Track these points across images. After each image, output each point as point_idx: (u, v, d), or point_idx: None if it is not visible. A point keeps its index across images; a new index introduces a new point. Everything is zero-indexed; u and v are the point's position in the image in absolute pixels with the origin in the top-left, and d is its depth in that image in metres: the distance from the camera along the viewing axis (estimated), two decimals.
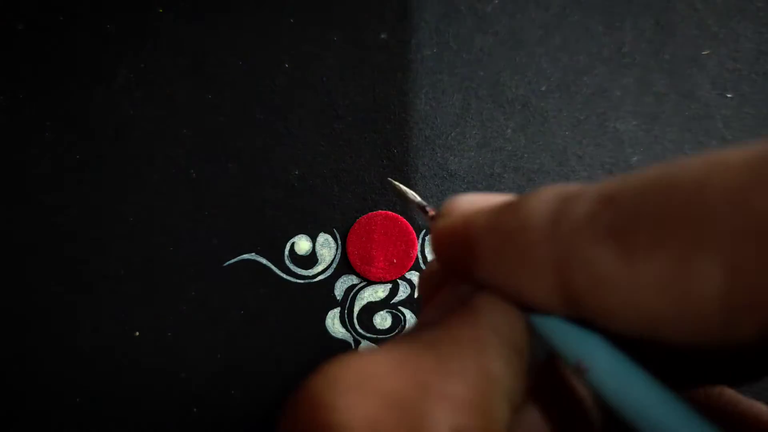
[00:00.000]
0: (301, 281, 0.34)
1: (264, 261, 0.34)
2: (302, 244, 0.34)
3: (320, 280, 0.34)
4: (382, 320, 0.34)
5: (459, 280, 0.14)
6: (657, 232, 0.10)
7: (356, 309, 0.34)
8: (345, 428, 0.11)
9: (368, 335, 0.34)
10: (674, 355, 0.13)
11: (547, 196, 0.12)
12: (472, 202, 0.14)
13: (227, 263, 0.34)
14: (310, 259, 0.34)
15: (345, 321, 0.34)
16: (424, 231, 0.34)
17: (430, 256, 0.34)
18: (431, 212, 0.18)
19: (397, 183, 0.29)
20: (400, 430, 0.11)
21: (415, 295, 0.34)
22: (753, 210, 0.09)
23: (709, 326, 0.10)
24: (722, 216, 0.09)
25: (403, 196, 0.29)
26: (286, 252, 0.34)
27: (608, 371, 0.11)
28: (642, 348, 0.12)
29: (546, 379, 0.15)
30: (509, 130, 0.33)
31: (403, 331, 0.13)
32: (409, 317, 0.34)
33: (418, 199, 0.24)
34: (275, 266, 0.34)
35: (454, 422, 0.11)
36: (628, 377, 0.11)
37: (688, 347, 0.10)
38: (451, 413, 0.11)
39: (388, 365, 0.12)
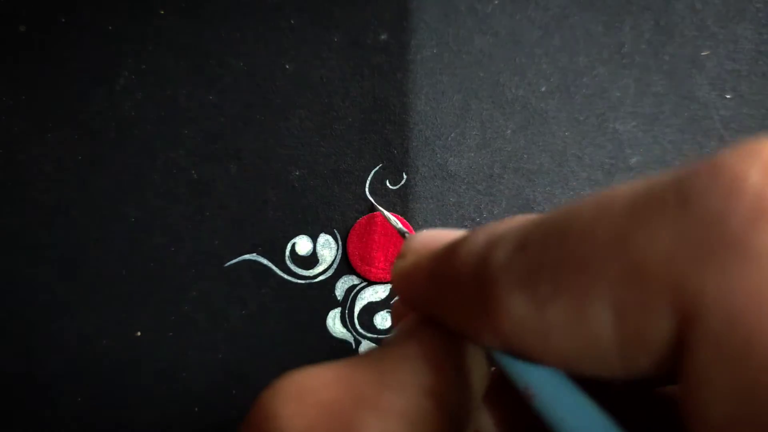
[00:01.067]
0: (302, 281, 0.34)
1: (265, 261, 0.34)
2: (303, 245, 0.34)
3: (321, 281, 0.34)
4: (383, 320, 0.34)
5: (416, 311, 0.15)
6: (557, 279, 0.10)
7: (357, 309, 0.34)
8: None
9: (369, 335, 0.34)
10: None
11: (477, 240, 0.12)
12: (427, 240, 0.15)
13: (228, 264, 0.34)
14: (311, 260, 0.34)
15: (346, 321, 0.34)
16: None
17: None
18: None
19: (381, 209, 0.30)
20: None
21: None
22: (631, 253, 0.09)
23: (611, 363, 0.10)
24: (606, 260, 0.10)
25: (387, 221, 0.29)
26: (287, 252, 0.34)
27: (550, 398, 0.12)
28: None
29: (498, 387, 0.16)
30: (509, 131, 0.33)
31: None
32: None
33: (399, 225, 0.26)
34: (276, 267, 0.34)
35: (385, 429, 0.11)
36: (569, 404, 0.12)
37: (604, 378, 0.11)
38: (383, 423, 0.11)
39: (329, 378, 0.12)
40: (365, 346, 0.34)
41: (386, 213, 0.32)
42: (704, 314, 0.09)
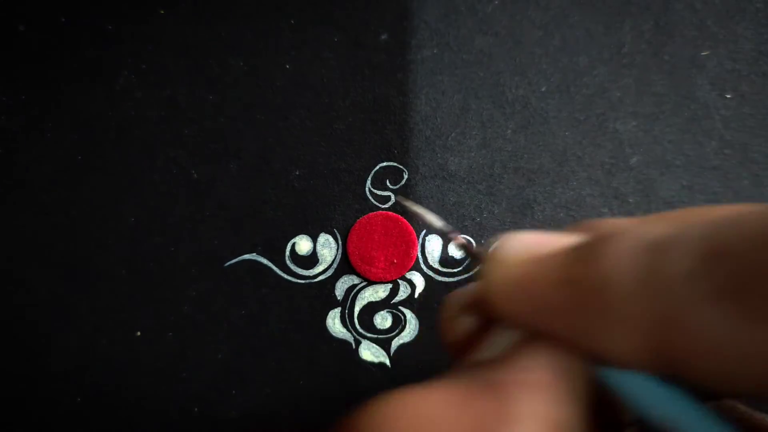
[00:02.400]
0: (302, 281, 0.34)
1: (265, 261, 0.34)
2: (303, 245, 0.34)
3: (321, 280, 0.34)
4: (383, 320, 0.34)
5: (512, 326, 0.13)
6: (750, 294, 0.09)
7: (357, 309, 0.34)
8: None
9: (369, 335, 0.34)
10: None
11: (628, 245, 0.11)
12: (526, 245, 0.13)
13: (228, 263, 0.34)
14: (311, 260, 0.34)
15: (345, 321, 0.34)
16: (425, 231, 0.34)
17: (430, 258, 0.34)
18: (463, 242, 0.17)
19: (422, 209, 0.24)
20: None
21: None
22: None
23: None
24: None
25: (426, 221, 0.25)
26: (287, 252, 0.34)
27: (680, 425, 0.11)
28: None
29: (599, 415, 0.14)
30: (509, 131, 0.33)
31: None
32: (410, 317, 0.34)
33: (441, 224, 0.22)
34: (276, 266, 0.34)
35: None
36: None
37: None
38: None
39: (444, 405, 0.11)
40: (365, 346, 0.34)
41: (424, 212, 0.30)
42: None
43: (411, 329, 0.34)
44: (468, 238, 0.17)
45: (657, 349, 0.10)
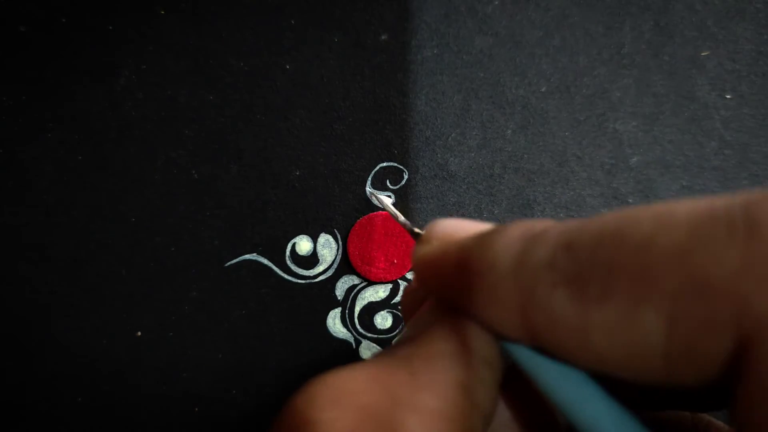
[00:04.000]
0: (303, 281, 0.34)
1: (265, 261, 0.34)
2: (303, 245, 0.34)
3: (321, 281, 0.34)
4: (383, 320, 0.34)
5: (437, 299, 0.15)
6: (608, 282, 0.10)
7: (357, 309, 0.34)
8: None
9: (369, 335, 0.34)
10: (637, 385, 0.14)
11: (512, 235, 0.12)
12: (452, 229, 0.15)
13: (228, 263, 0.34)
14: (311, 260, 0.34)
15: (346, 321, 0.34)
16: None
17: None
18: (416, 231, 0.19)
19: (383, 199, 0.29)
20: None
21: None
22: (694, 268, 0.10)
23: (653, 371, 0.10)
24: (665, 273, 0.10)
25: (390, 214, 0.29)
26: (288, 252, 0.34)
27: (574, 396, 0.12)
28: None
29: (514, 382, 0.15)
30: (509, 131, 0.34)
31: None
32: None
33: (403, 219, 0.26)
34: (276, 266, 0.34)
35: (424, 430, 0.11)
36: (596, 404, 0.12)
37: (638, 384, 0.11)
38: (424, 423, 0.12)
39: (364, 380, 0.12)
40: (365, 346, 0.34)
41: (391, 208, 0.32)
42: (763, 339, 0.09)
43: None
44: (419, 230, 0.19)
45: (525, 325, 0.12)
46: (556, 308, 0.11)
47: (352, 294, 0.34)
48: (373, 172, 0.33)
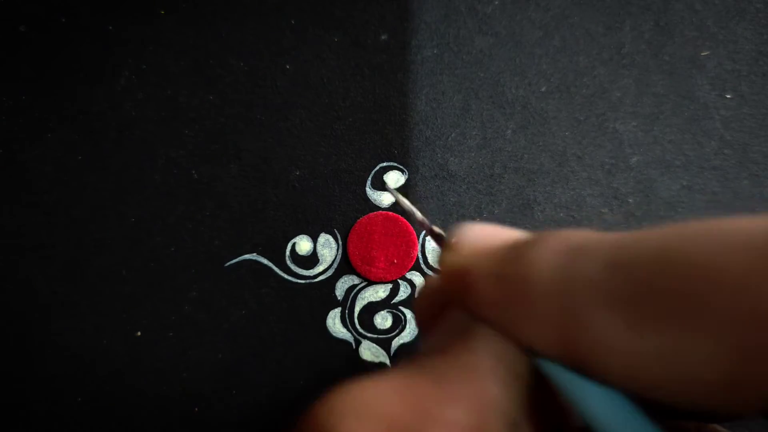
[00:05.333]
0: (302, 281, 0.34)
1: (265, 261, 0.34)
2: (303, 245, 0.34)
3: (321, 281, 0.34)
4: (383, 320, 0.34)
5: (461, 310, 0.14)
6: (665, 306, 0.10)
7: (357, 309, 0.34)
8: None
9: (369, 335, 0.34)
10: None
11: (553, 247, 0.12)
12: (482, 236, 0.14)
13: (228, 263, 0.34)
14: (311, 260, 0.34)
15: (346, 321, 0.34)
16: (424, 232, 0.34)
17: (430, 257, 0.34)
18: (437, 232, 0.18)
19: (402, 198, 0.28)
20: None
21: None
22: (757, 296, 0.09)
23: (711, 399, 0.10)
24: (733, 300, 0.09)
25: (407, 212, 0.28)
26: (287, 252, 0.34)
27: (604, 418, 0.11)
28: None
29: (538, 395, 0.15)
30: (509, 131, 0.34)
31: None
32: (410, 317, 0.34)
33: (419, 214, 0.24)
34: (276, 266, 0.34)
35: None
36: (623, 423, 0.11)
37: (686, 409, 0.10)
38: None
39: (388, 391, 0.12)
40: (365, 346, 0.34)
41: (409, 204, 0.31)
42: None
43: (411, 329, 0.34)
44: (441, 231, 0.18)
45: (565, 344, 0.11)
46: (605, 330, 0.10)
47: (352, 294, 0.34)
48: (373, 172, 0.33)
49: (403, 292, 0.34)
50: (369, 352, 0.34)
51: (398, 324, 0.34)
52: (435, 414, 0.11)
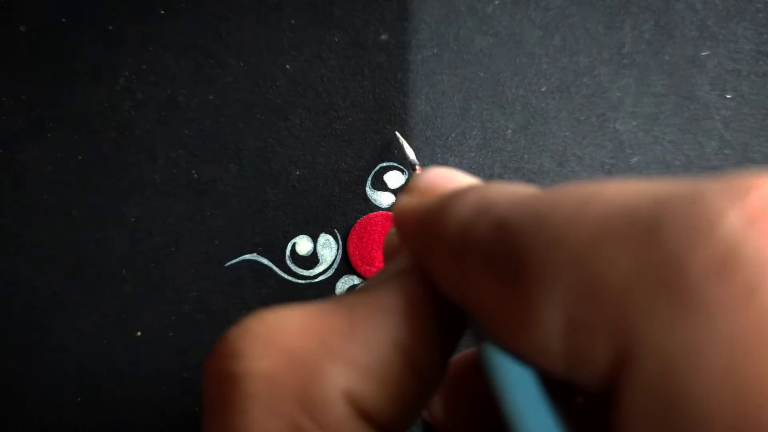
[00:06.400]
0: (303, 281, 0.34)
1: (265, 261, 0.34)
2: (303, 245, 0.34)
3: (321, 281, 0.34)
4: None
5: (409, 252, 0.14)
6: (521, 269, 0.10)
7: None
8: (246, 376, 0.11)
9: None
10: None
11: (468, 202, 0.12)
12: (438, 181, 0.14)
13: (228, 263, 0.34)
14: (311, 260, 0.34)
15: None
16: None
17: None
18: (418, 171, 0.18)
19: (402, 139, 0.29)
20: (294, 383, 0.11)
21: None
22: (590, 270, 0.09)
23: (556, 365, 0.10)
24: (568, 270, 0.09)
25: (401, 150, 0.29)
26: (288, 252, 0.34)
27: (510, 389, 0.11)
28: None
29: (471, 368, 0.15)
30: (509, 131, 0.33)
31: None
32: None
33: (413, 157, 0.26)
34: (276, 266, 0.34)
35: (348, 384, 0.11)
36: (529, 400, 0.11)
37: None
38: (347, 376, 0.11)
39: (300, 322, 0.12)
40: None
41: (404, 142, 0.32)
42: (641, 357, 0.08)
43: None
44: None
45: (464, 301, 0.11)
46: (483, 292, 0.11)
47: None
48: (373, 172, 0.33)
49: None
50: None
51: None
52: (335, 348, 0.11)
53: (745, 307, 0.08)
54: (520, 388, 0.11)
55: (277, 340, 0.12)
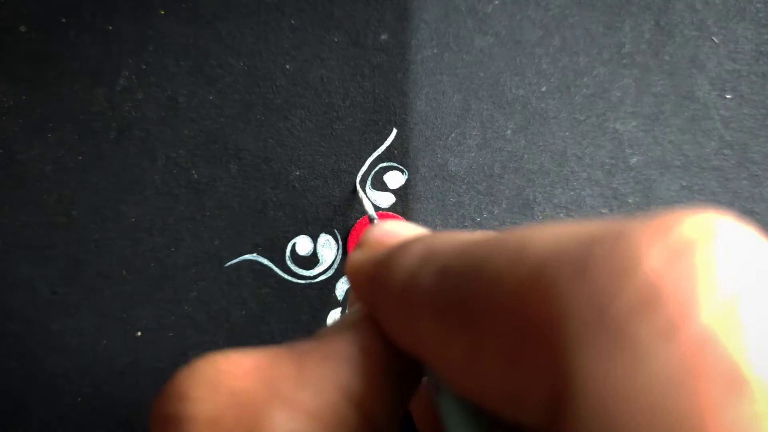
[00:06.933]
0: (303, 281, 0.34)
1: (265, 261, 0.34)
2: (303, 245, 0.34)
3: (321, 281, 0.34)
4: None
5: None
6: (464, 315, 0.10)
7: None
8: (190, 419, 0.11)
9: None
10: None
11: (414, 251, 0.12)
12: (383, 237, 0.14)
13: (229, 264, 0.34)
14: (311, 260, 0.34)
15: None
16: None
17: None
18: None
19: (361, 192, 0.30)
20: (238, 427, 0.11)
21: None
22: (525, 312, 0.09)
23: (502, 408, 0.10)
24: (506, 313, 0.09)
25: (361, 204, 0.29)
26: (287, 252, 0.34)
27: (452, 422, 0.12)
28: None
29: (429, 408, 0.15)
30: (509, 131, 0.33)
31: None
32: None
33: (371, 212, 0.27)
34: (277, 267, 0.34)
35: (293, 429, 0.11)
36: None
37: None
38: (292, 420, 0.11)
39: (250, 366, 0.12)
40: None
41: (363, 196, 0.32)
42: (575, 395, 0.08)
43: None
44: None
45: (413, 352, 0.12)
46: (430, 339, 0.11)
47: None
48: (373, 173, 0.33)
49: None
50: None
51: None
52: (283, 393, 0.11)
53: (667, 345, 0.08)
54: None
55: (224, 383, 0.12)
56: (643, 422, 0.08)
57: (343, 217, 0.34)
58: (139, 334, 0.34)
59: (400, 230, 0.15)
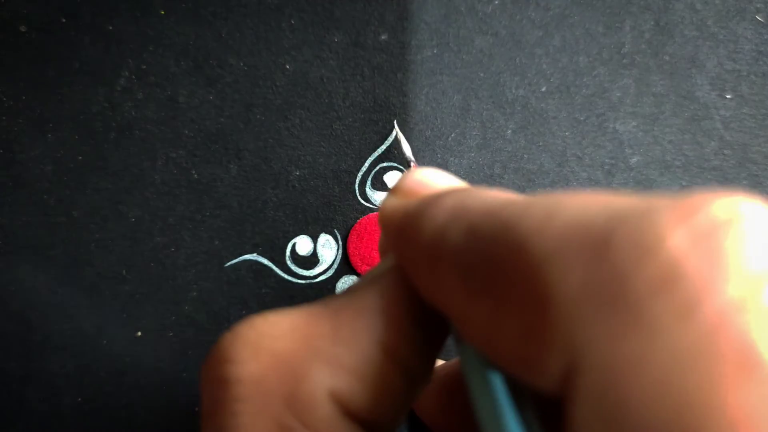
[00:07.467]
0: (303, 282, 0.34)
1: (265, 261, 0.34)
2: (303, 245, 0.34)
3: (321, 281, 0.34)
4: None
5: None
6: (487, 278, 0.10)
7: None
8: (236, 380, 0.12)
9: None
10: None
11: (445, 206, 0.12)
12: (417, 186, 0.14)
13: (228, 264, 0.34)
14: (312, 260, 0.34)
15: None
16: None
17: None
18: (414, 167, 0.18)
19: (400, 134, 0.30)
20: (281, 386, 0.11)
21: None
22: (544, 282, 0.09)
23: (519, 371, 0.10)
24: (526, 281, 0.10)
25: (398, 146, 0.29)
26: (287, 252, 0.34)
27: (481, 392, 0.11)
28: None
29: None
30: (509, 131, 0.33)
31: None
32: None
33: (409, 153, 0.26)
34: (277, 267, 0.34)
35: (333, 384, 0.12)
36: (497, 403, 0.11)
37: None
38: (332, 376, 0.12)
39: (288, 326, 0.12)
40: None
41: (402, 138, 0.32)
42: (587, 369, 0.08)
43: None
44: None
45: (438, 306, 0.12)
46: (452, 297, 0.11)
47: None
48: (373, 173, 0.33)
49: None
50: None
51: None
52: (321, 350, 0.12)
53: (684, 323, 0.08)
54: (491, 391, 0.11)
55: (265, 344, 0.12)
56: (654, 396, 0.08)
57: (343, 217, 0.34)
58: (139, 334, 0.34)
59: (434, 180, 0.14)
